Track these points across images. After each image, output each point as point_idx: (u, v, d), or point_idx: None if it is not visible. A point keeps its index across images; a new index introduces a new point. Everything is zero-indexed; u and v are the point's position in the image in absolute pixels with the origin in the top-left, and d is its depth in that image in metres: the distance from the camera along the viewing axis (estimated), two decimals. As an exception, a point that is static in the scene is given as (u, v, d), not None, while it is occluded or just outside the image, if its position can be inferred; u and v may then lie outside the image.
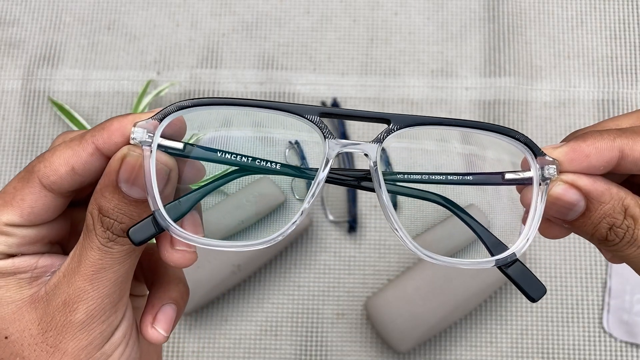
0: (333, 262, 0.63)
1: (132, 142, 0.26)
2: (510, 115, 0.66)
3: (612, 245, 0.28)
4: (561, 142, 0.29)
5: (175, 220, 0.27)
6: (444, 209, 0.30)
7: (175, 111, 0.27)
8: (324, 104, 0.66)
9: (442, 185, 0.30)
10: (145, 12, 0.71)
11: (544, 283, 0.66)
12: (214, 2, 0.71)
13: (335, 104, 0.66)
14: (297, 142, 0.59)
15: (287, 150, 0.27)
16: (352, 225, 0.63)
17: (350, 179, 0.30)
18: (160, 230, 0.26)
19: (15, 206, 0.28)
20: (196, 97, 0.67)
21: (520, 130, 0.41)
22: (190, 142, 0.28)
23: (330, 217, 0.64)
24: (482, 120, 0.66)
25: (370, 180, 0.28)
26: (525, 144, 0.28)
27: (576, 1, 0.70)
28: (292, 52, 0.69)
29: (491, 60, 0.68)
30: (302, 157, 0.60)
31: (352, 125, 0.66)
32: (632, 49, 0.68)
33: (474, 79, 0.68)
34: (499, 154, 0.31)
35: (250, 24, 0.70)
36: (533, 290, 0.28)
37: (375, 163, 0.28)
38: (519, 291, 0.62)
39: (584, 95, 0.67)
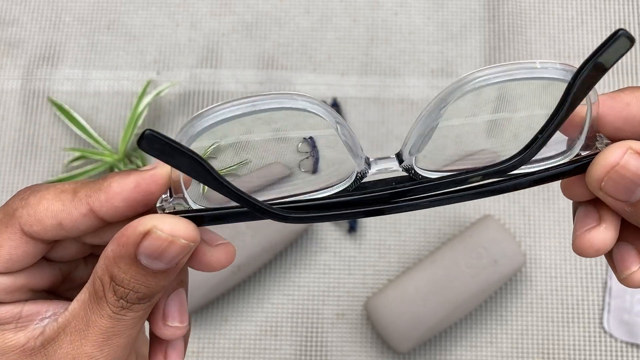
0: (333, 262, 0.63)
1: (160, 211, 0.25)
2: (510, 115, 0.66)
3: None
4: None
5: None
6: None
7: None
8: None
9: (460, 140, 0.27)
10: (145, 12, 0.70)
11: (544, 283, 0.66)
12: (214, 2, 0.71)
13: (335, 103, 0.66)
14: (311, 137, 0.59)
15: (299, 144, 0.26)
16: (352, 225, 0.63)
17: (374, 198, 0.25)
18: None
19: None
20: (196, 105, 0.67)
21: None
22: (209, 150, 0.26)
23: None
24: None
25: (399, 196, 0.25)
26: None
27: (577, 1, 0.70)
28: (292, 52, 0.69)
29: (491, 60, 0.68)
30: (314, 146, 0.59)
31: (352, 125, 0.66)
32: (633, 49, 0.68)
33: (474, 78, 0.68)
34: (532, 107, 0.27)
35: (250, 23, 0.70)
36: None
37: (410, 169, 0.25)
38: (518, 291, 0.62)
39: (584, 95, 0.67)
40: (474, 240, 0.58)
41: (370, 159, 0.26)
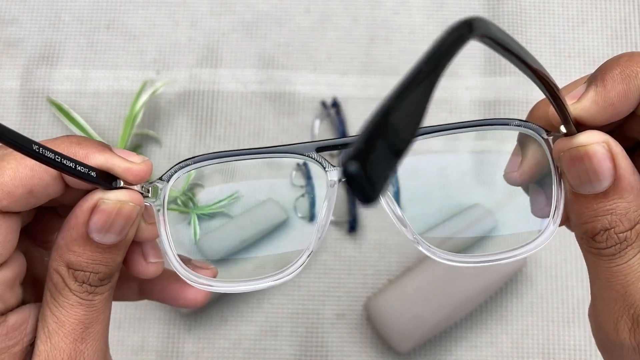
0: (333, 262, 0.63)
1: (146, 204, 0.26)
2: (511, 115, 0.66)
3: (594, 247, 0.23)
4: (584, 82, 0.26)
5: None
6: (450, 205, 0.30)
7: (178, 171, 0.27)
8: (324, 103, 0.66)
9: (446, 188, 0.29)
10: (145, 12, 0.70)
11: (545, 283, 0.66)
12: (214, 1, 0.70)
13: (335, 103, 0.66)
14: (305, 164, 0.59)
15: (293, 172, 0.28)
16: (352, 225, 0.63)
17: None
18: None
19: None
20: (196, 104, 0.67)
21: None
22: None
23: (331, 217, 0.63)
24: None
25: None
26: (527, 128, 0.28)
27: (577, 0, 0.70)
28: (292, 51, 0.69)
29: (492, 59, 0.68)
30: (308, 177, 0.59)
31: (352, 125, 0.66)
32: (634, 49, 0.68)
33: (475, 78, 0.67)
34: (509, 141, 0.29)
35: (250, 23, 0.70)
36: None
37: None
38: (519, 291, 0.61)
39: (585, 95, 0.67)
40: (474, 240, 0.58)
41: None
